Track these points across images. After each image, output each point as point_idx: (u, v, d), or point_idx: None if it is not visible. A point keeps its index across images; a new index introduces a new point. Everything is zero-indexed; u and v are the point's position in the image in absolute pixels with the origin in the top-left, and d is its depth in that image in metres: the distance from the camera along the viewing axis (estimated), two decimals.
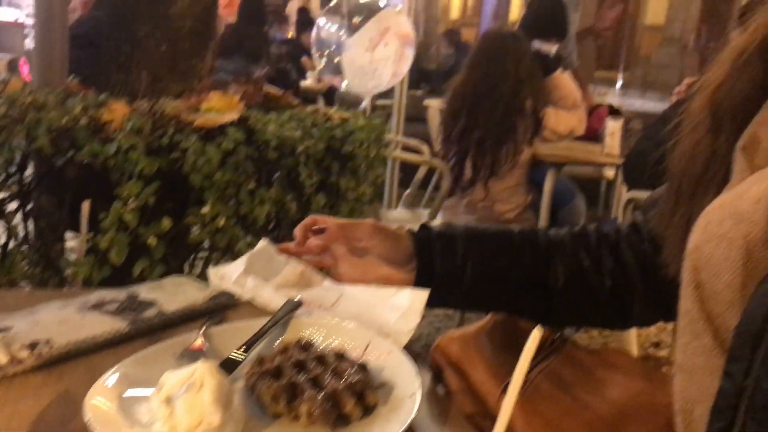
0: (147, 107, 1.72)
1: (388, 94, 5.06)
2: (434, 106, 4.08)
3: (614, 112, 3.69)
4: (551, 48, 3.53)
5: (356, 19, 3.12)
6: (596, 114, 3.82)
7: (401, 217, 3.48)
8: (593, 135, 3.58)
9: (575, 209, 3.54)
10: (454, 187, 3.09)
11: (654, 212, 0.84)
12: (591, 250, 0.99)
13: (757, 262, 0.59)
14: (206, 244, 1.70)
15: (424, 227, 0.92)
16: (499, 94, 2.87)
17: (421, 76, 7.84)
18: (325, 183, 1.84)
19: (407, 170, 4.11)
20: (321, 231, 0.89)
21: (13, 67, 6.20)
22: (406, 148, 3.77)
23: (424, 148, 3.59)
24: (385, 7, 3.17)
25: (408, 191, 3.69)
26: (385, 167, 2.08)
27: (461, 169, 3.02)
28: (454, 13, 15.50)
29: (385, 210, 3.83)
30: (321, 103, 5.55)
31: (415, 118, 5.95)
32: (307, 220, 0.94)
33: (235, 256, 1.70)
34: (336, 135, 1.84)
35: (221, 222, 1.58)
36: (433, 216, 3.13)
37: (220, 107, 1.82)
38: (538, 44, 3.53)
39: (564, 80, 3.08)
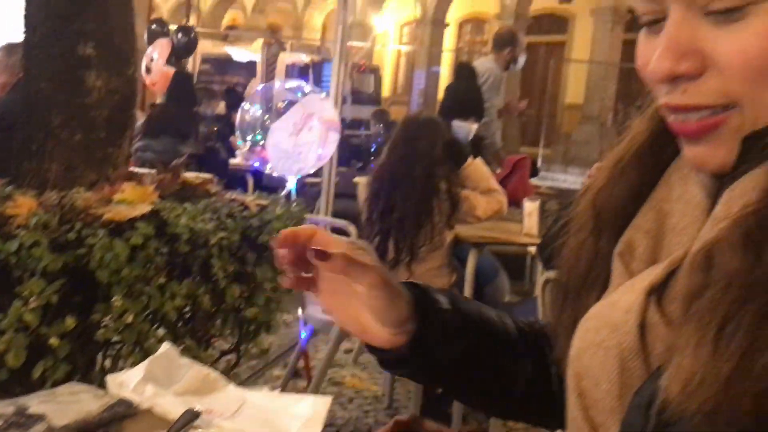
0: (56, 200, 1.68)
1: (317, 172, 5.11)
2: (363, 182, 4.14)
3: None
4: (471, 127, 3.68)
5: (280, 104, 3.17)
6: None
7: None
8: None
9: (499, 286, 3.60)
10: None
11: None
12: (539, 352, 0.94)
13: (631, 371, 0.61)
14: (115, 340, 1.65)
15: (423, 291, 0.81)
16: (415, 176, 2.96)
17: (352, 153, 7.96)
18: (241, 273, 1.82)
19: None
20: (323, 254, 0.73)
21: None
22: (334, 229, 3.79)
23: (352, 229, 3.61)
24: (309, 92, 3.24)
25: None
26: None
27: (384, 251, 3.05)
28: (385, 91, 15.94)
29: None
30: (250, 181, 5.54)
31: (347, 194, 6.02)
32: (306, 230, 0.76)
33: (145, 353, 1.64)
34: (252, 224, 1.84)
35: (129, 318, 1.54)
36: None
37: (132, 198, 1.80)
38: (458, 124, 3.67)
39: (475, 167, 3.18)
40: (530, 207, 3.33)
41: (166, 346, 1.21)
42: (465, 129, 3.70)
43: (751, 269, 0.50)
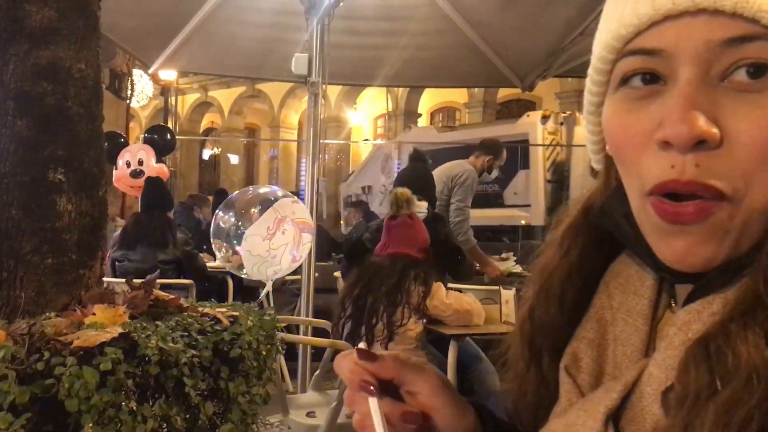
0: (25, 328, 1.69)
1: (297, 270, 5.13)
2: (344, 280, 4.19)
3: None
4: (422, 205, 3.81)
5: (253, 210, 3.23)
6: None
7: (311, 400, 3.41)
8: None
9: (483, 373, 3.58)
10: None
11: None
12: None
13: None
14: None
15: (480, 406, 0.73)
16: (397, 268, 3.05)
17: (332, 247, 8.00)
18: (214, 389, 1.81)
19: (320, 348, 4.10)
20: (370, 356, 0.65)
21: None
22: (315, 330, 3.79)
23: (331, 327, 3.60)
24: (282, 197, 3.31)
25: (317, 372, 3.65)
26: (276, 363, 2.06)
27: (356, 333, 3.08)
28: None
29: (293, 394, 3.74)
30: (230, 283, 5.54)
31: (327, 289, 6.01)
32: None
33: None
34: (224, 338, 1.85)
35: None
36: (341, 397, 3.10)
37: (103, 321, 1.81)
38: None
39: (448, 294, 3.30)
40: (507, 295, 3.36)
41: None
42: (419, 208, 3.84)
43: (708, 380, 0.48)
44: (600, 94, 0.61)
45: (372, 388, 0.62)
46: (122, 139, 6.42)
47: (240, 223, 3.23)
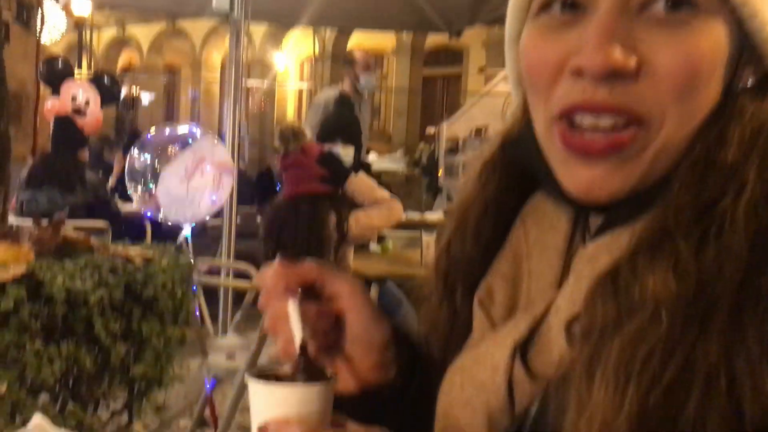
0: None
1: (218, 213, 5.02)
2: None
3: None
4: (348, 152, 3.76)
5: (170, 150, 3.12)
6: None
7: (231, 343, 3.39)
8: None
9: (405, 318, 3.63)
10: None
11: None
12: None
13: (497, 428, 0.61)
14: None
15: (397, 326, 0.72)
16: (301, 214, 3.02)
17: (254, 192, 7.87)
18: (126, 330, 1.76)
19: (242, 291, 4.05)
20: (293, 261, 0.65)
21: None
22: (236, 273, 3.73)
23: (253, 272, 3.56)
24: (201, 137, 3.21)
25: (238, 314, 3.61)
26: (192, 304, 2.03)
27: None
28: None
29: (214, 337, 3.71)
30: (148, 228, 5.39)
31: (250, 234, 5.92)
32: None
33: (24, 425, 1.55)
34: (137, 279, 1.79)
35: (2, 388, 1.45)
36: (261, 340, 3.08)
37: (6, 259, 1.72)
38: (337, 149, 3.75)
39: (358, 181, 3.24)
40: (428, 240, 3.40)
41: (37, 419, 1.15)
42: (344, 154, 3.79)
43: (680, 292, 0.48)
44: (520, 20, 0.60)
45: (292, 292, 0.62)
46: (70, 69, 5.99)
47: (156, 164, 3.12)
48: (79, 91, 5.43)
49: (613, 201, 0.55)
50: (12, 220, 3.11)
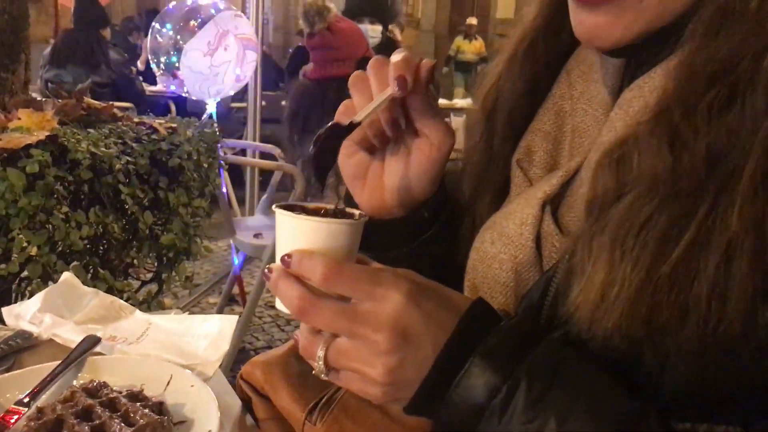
0: None
1: (242, 97, 4.94)
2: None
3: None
4: (376, 30, 3.60)
5: (192, 23, 3.01)
6: None
7: (258, 223, 3.41)
8: None
9: None
10: (307, 191, 3.06)
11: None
12: None
13: (526, 283, 0.59)
14: (25, 276, 1.57)
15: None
16: (328, 97, 2.90)
17: (279, 76, 7.74)
18: (154, 199, 1.75)
19: (267, 174, 4.04)
20: (405, 83, 0.61)
21: None
22: (262, 154, 3.70)
23: (279, 153, 3.53)
24: (224, 9, 3.08)
25: (264, 197, 3.62)
26: (219, 178, 2.01)
27: (309, 171, 3.01)
28: None
29: (241, 217, 3.74)
30: (172, 107, 5.35)
31: (274, 119, 5.87)
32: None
33: None
34: (162, 148, 1.76)
35: (33, 251, 1.46)
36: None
37: (29, 125, 1.69)
38: (364, 27, 3.59)
39: None
40: (457, 122, 3.32)
41: (66, 276, 1.15)
42: (365, 29, 3.61)
43: (674, 170, 0.46)
44: None
45: (402, 86, 0.59)
46: None
47: (179, 38, 3.02)
48: None
49: (617, 47, 0.54)
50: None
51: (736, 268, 0.43)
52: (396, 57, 0.61)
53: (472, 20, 11.33)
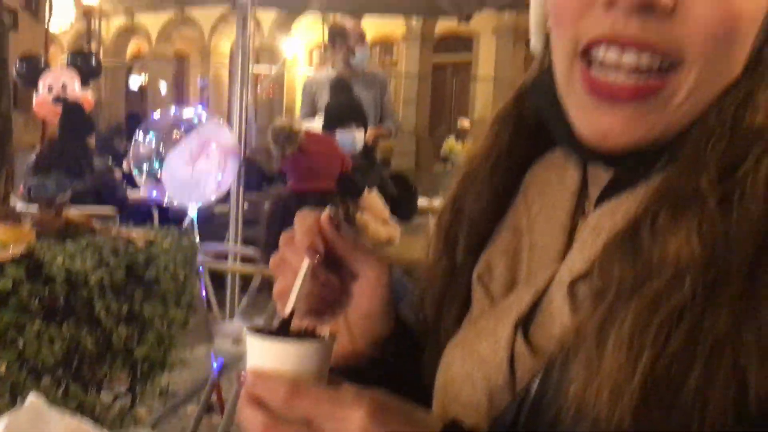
0: None
1: (225, 199, 5.00)
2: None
3: None
4: (355, 134, 3.67)
5: (176, 133, 3.09)
6: None
7: (238, 328, 3.38)
8: None
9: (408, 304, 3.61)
10: None
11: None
12: None
13: (500, 404, 0.59)
14: None
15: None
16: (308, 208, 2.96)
17: (264, 178, 7.86)
18: (129, 312, 1.74)
19: (248, 276, 4.02)
20: (338, 224, 0.63)
21: None
22: (243, 258, 3.71)
23: (259, 256, 3.54)
24: (207, 120, 3.17)
25: (245, 300, 3.60)
26: (196, 287, 2.00)
27: None
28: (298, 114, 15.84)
29: (221, 322, 3.70)
30: (155, 213, 5.38)
31: (257, 221, 5.91)
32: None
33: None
34: (139, 260, 1.77)
35: (2, 369, 1.44)
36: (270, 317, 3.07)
37: (7, 239, 1.70)
38: (341, 133, 3.67)
39: (371, 200, 3.21)
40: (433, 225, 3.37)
41: (31, 401, 1.13)
42: (349, 137, 3.69)
43: (705, 252, 0.46)
44: None
45: (313, 254, 0.60)
46: (41, 63, 6.01)
47: (162, 147, 3.09)
48: (49, 78, 5.47)
49: (628, 151, 0.52)
50: (20, 206, 3.10)
51: (719, 374, 0.43)
52: (299, 226, 0.63)
53: (465, 122, 11.50)
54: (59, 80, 5.54)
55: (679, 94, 0.51)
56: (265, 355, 0.53)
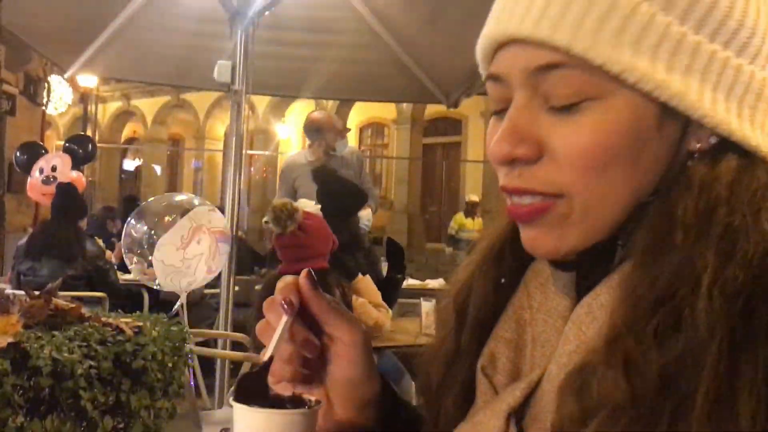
0: None
1: (215, 283, 4.98)
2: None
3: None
4: (366, 213, 3.73)
5: (167, 219, 3.12)
6: None
7: (227, 416, 3.31)
8: None
9: (404, 389, 3.55)
10: None
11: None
12: None
13: None
14: None
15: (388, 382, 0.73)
16: None
17: (256, 260, 7.85)
18: (116, 403, 1.71)
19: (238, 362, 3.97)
20: (314, 284, 0.66)
21: None
22: (233, 344, 3.68)
23: (248, 342, 3.51)
24: (198, 205, 3.21)
25: (234, 387, 3.54)
26: (185, 375, 1.98)
27: None
28: None
29: (210, 410, 3.63)
30: (146, 297, 5.35)
31: (249, 303, 5.87)
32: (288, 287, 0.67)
33: None
34: (127, 349, 1.76)
35: None
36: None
37: None
38: (358, 215, 3.74)
39: (365, 284, 3.23)
40: (427, 306, 3.36)
41: None
42: (364, 217, 3.78)
43: (632, 397, 0.48)
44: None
45: (289, 308, 0.63)
46: (42, 150, 6.13)
47: (153, 233, 3.11)
48: (41, 162, 5.57)
49: (555, 258, 0.60)
50: (8, 291, 3.09)
51: None
52: (279, 287, 0.66)
53: (474, 197, 11.42)
54: (50, 162, 5.63)
55: (573, 215, 0.57)
56: (252, 425, 0.56)
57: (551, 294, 0.64)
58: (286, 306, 0.63)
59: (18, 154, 5.92)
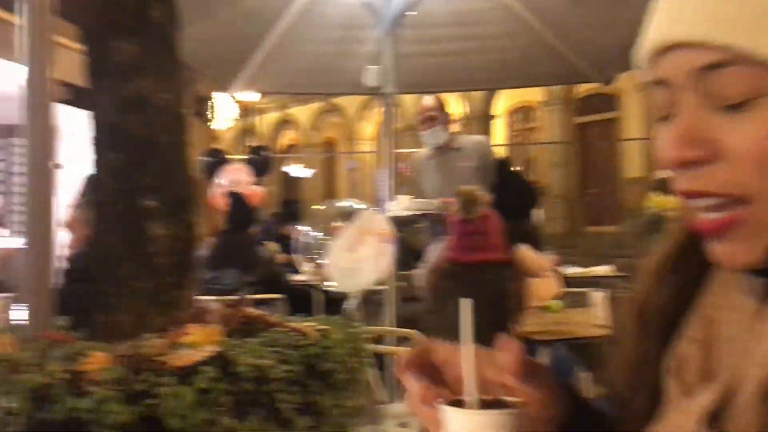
0: (128, 351, 1.76)
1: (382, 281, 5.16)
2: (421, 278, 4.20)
3: None
4: (538, 212, 3.75)
5: (334, 224, 3.29)
6: None
7: (403, 410, 3.42)
8: None
9: (578, 382, 3.48)
10: None
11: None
12: None
13: None
14: None
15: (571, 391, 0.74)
16: (487, 282, 2.99)
17: (417, 256, 7.97)
18: (307, 404, 1.83)
19: None
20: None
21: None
22: (400, 339, 3.79)
23: (417, 335, 3.60)
24: (363, 209, 3.36)
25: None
26: (366, 375, 2.08)
27: None
28: None
29: (385, 405, 3.76)
30: (316, 296, 5.61)
31: (413, 298, 6.01)
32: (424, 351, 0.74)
33: None
34: (313, 353, 1.87)
35: None
36: None
37: (198, 341, 1.87)
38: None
39: (524, 254, 3.20)
40: (596, 297, 3.28)
41: None
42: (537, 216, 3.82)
43: None
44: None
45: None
46: (223, 156, 6.70)
47: (322, 236, 3.30)
48: (226, 173, 5.99)
49: (754, 266, 0.58)
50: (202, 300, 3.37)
51: None
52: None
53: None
54: (233, 176, 6.10)
55: (762, 225, 0.56)
56: (466, 427, 0.60)
57: (737, 293, 0.63)
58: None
59: (203, 161, 6.46)
